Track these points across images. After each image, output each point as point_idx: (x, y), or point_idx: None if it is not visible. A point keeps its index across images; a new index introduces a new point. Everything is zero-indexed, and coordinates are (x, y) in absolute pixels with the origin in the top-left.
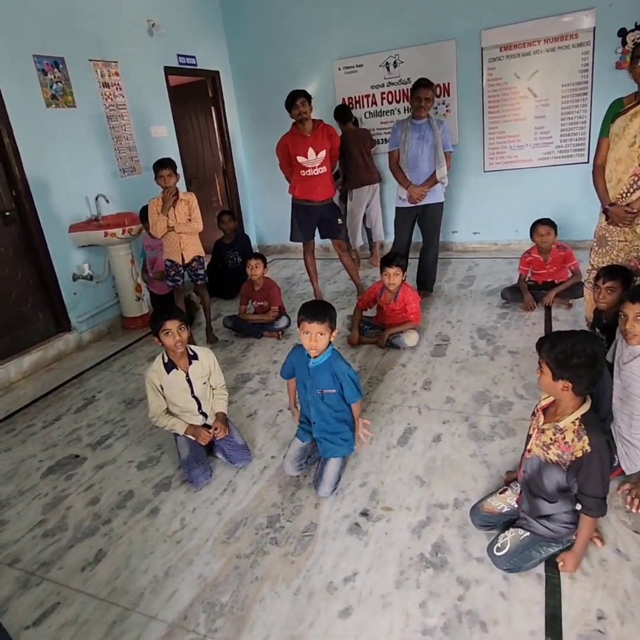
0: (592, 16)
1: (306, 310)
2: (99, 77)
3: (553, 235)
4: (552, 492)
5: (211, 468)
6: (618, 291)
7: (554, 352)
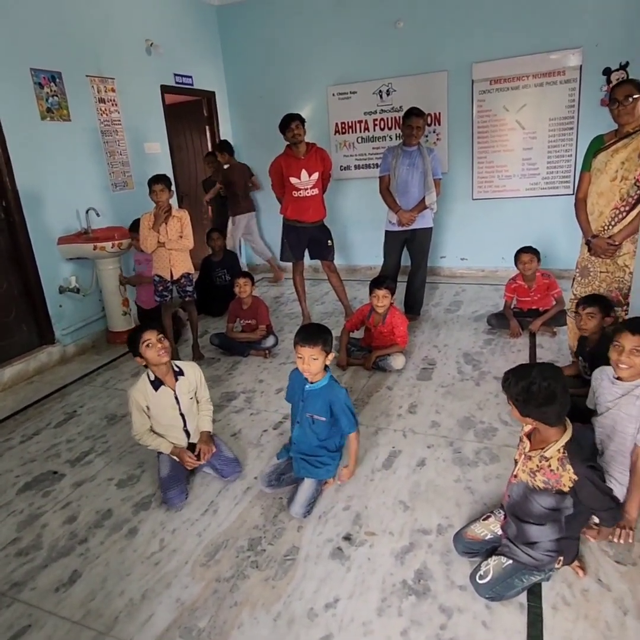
0: (578, 55)
1: (300, 334)
2: (95, 93)
3: (536, 263)
4: (541, 514)
5: (187, 490)
6: (598, 317)
7: (515, 392)
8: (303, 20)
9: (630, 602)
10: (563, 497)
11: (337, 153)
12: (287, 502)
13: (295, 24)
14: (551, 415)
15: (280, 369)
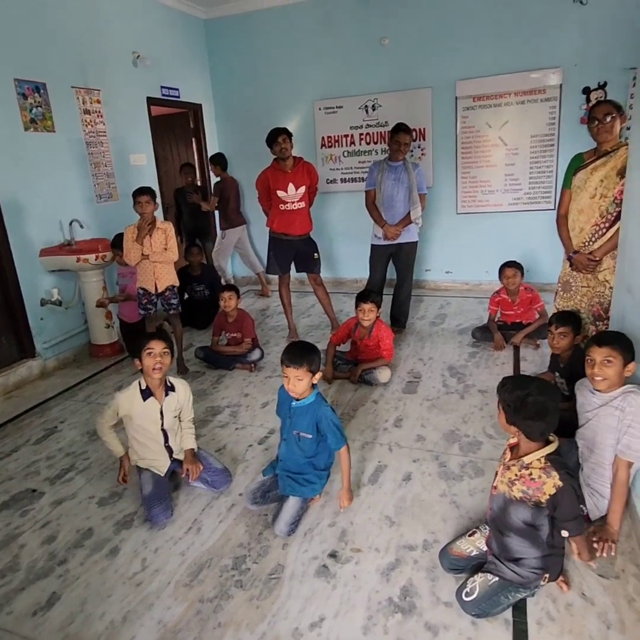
0: (558, 74)
1: (286, 353)
2: (80, 104)
3: (520, 277)
4: (519, 527)
5: (172, 507)
6: (570, 336)
7: (509, 398)
8: (290, 35)
9: (613, 615)
10: (539, 511)
11: (324, 166)
12: (272, 520)
13: (283, 39)
14: (535, 431)
15: (266, 383)
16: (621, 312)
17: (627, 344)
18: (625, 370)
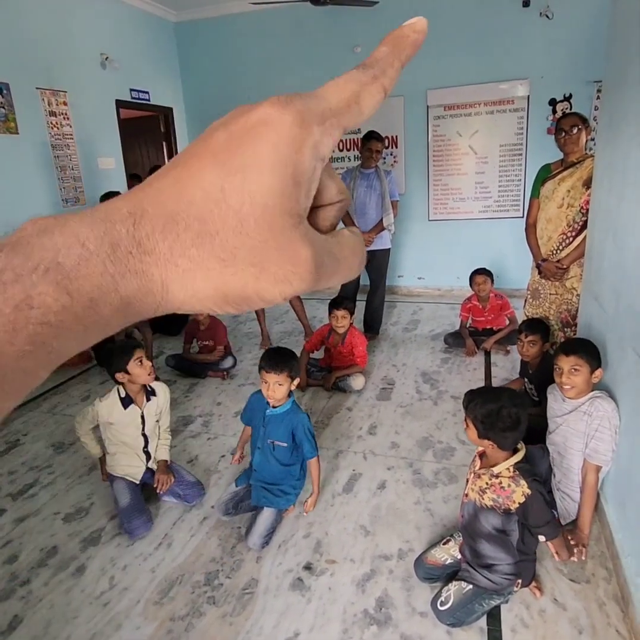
0: (526, 85)
1: (266, 359)
2: (46, 106)
3: (490, 284)
4: (489, 534)
5: (152, 518)
6: (539, 344)
7: (480, 413)
8: (262, 40)
9: (585, 620)
10: (509, 518)
11: None
12: (245, 533)
13: (255, 44)
14: (509, 441)
15: (239, 391)
16: (588, 319)
17: (593, 351)
18: (592, 377)
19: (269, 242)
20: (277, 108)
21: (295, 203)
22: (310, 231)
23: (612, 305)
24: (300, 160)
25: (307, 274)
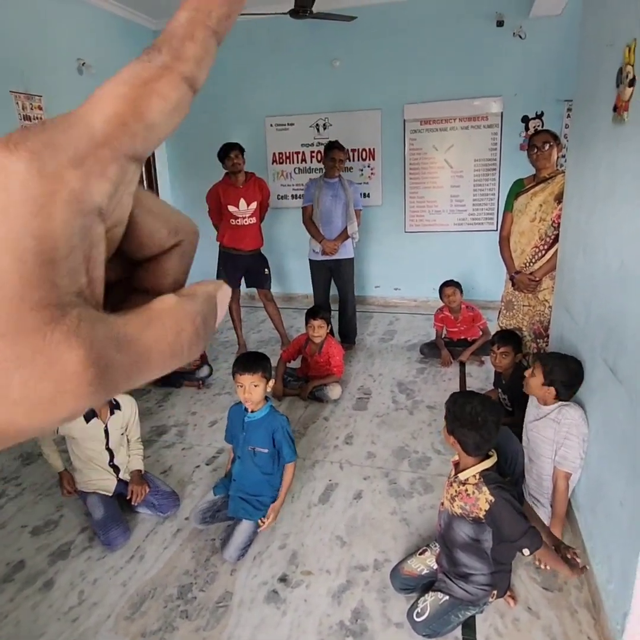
0: (499, 102)
1: (238, 363)
2: (20, 110)
3: (459, 295)
4: (463, 543)
5: (129, 527)
6: (511, 355)
7: (451, 407)
8: (241, 51)
9: (558, 628)
10: (480, 527)
11: (275, 182)
12: (221, 545)
13: (234, 54)
14: (470, 442)
15: (215, 400)
16: (560, 330)
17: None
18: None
19: (13, 353)
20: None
21: (47, 290)
22: (85, 322)
23: (583, 316)
24: (46, 228)
25: (82, 388)
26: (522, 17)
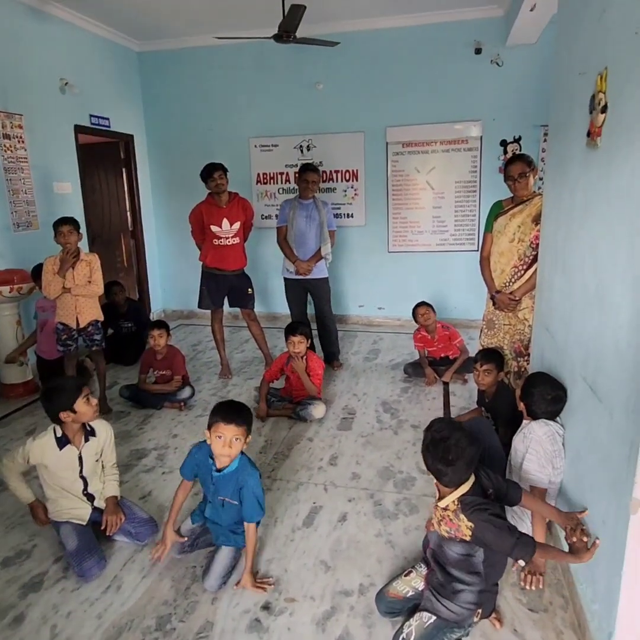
0: (479, 127)
1: (222, 411)
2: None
3: (433, 314)
4: (456, 560)
5: (105, 557)
6: (494, 373)
7: (428, 436)
8: (226, 73)
9: None
10: (469, 545)
11: (259, 202)
12: (202, 574)
13: (218, 76)
14: (443, 478)
15: (197, 422)
16: (540, 348)
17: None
18: None
19: None
20: None
21: None
22: None
23: (562, 335)
24: None
25: None
26: (499, 46)
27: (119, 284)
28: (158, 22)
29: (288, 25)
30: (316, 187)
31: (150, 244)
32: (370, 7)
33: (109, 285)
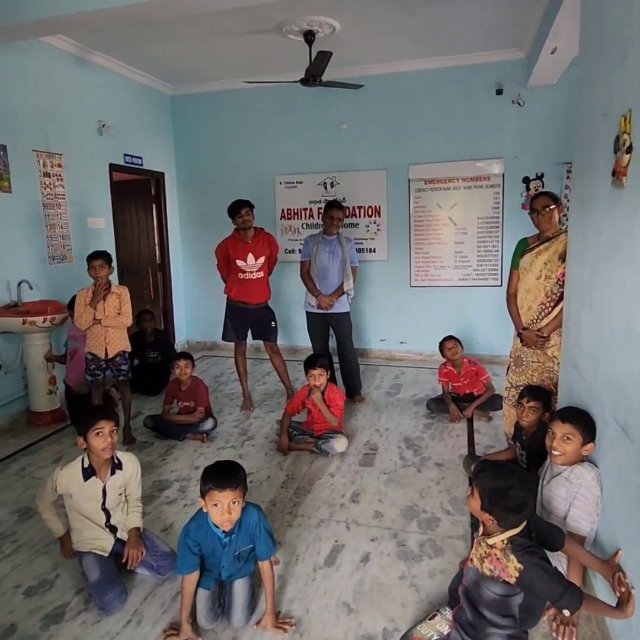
0: (501, 164)
1: (213, 477)
2: (41, 167)
3: (460, 348)
4: (491, 601)
5: (126, 590)
6: (540, 411)
7: (489, 486)
8: (253, 114)
9: None
10: (511, 587)
11: (283, 237)
12: (225, 612)
13: (246, 117)
14: (510, 522)
15: (218, 454)
16: (568, 387)
17: (588, 424)
18: (583, 449)
19: None
20: None
21: None
22: None
23: (591, 373)
24: None
25: None
26: (520, 86)
27: (149, 312)
28: (190, 67)
29: (315, 70)
30: (341, 223)
31: (177, 277)
32: (393, 51)
33: (140, 313)
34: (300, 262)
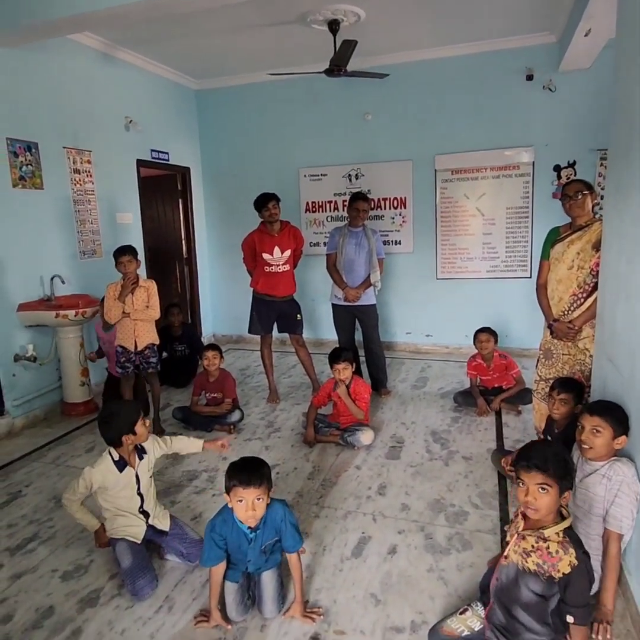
0: (531, 152)
1: (238, 473)
2: (71, 164)
3: (493, 342)
4: (528, 601)
5: (157, 577)
6: (571, 403)
7: (554, 465)
8: (277, 107)
9: None
10: (551, 586)
11: (308, 230)
12: (256, 604)
13: (270, 111)
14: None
15: (245, 446)
16: (603, 380)
17: (619, 416)
18: (615, 442)
19: None
20: None
21: None
22: None
23: (628, 367)
24: None
25: None
26: (551, 71)
27: (177, 306)
28: (214, 62)
29: (339, 60)
30: (366, 215)
31: (203, 271)
32: (419, 39)
33: (168, 306)
34: (327, 254)
